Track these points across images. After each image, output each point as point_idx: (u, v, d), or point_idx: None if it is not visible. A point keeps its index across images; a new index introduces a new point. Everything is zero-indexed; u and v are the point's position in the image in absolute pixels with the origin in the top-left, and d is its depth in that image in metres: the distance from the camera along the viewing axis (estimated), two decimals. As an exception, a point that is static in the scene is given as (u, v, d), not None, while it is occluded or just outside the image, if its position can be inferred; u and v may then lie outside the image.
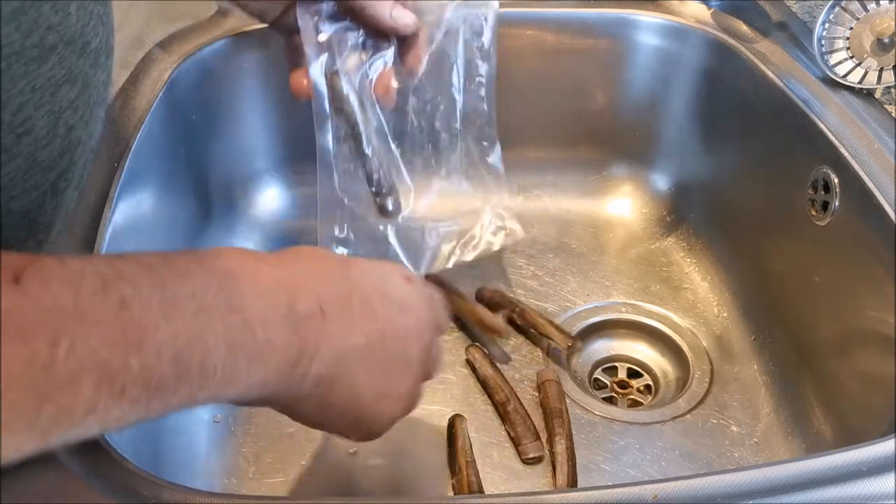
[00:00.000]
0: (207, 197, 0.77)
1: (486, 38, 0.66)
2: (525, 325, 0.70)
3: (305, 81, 0.60)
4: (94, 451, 0.41)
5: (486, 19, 0.65)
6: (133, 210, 0.60)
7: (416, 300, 0.43)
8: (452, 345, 0.70)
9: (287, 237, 0.80)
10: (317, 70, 0.60)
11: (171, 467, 0.57)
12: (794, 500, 0.39)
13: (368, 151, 0.62)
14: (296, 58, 0.61)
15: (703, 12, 0.78)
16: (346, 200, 0.64)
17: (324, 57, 0.60)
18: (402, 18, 0.59)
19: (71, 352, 0.27)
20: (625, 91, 0.81)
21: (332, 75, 0.61)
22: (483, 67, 0.67)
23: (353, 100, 0.61)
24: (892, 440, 0.42)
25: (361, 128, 0.61)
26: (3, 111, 0.34)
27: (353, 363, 0.39)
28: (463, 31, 0.65)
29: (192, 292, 0.32)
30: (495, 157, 0.69)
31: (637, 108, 0.81)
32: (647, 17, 0.78)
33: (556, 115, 0.82)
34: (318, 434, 0.62)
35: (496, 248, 0.70)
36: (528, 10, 0.77)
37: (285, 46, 0.63)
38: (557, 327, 0.69)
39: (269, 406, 0.39)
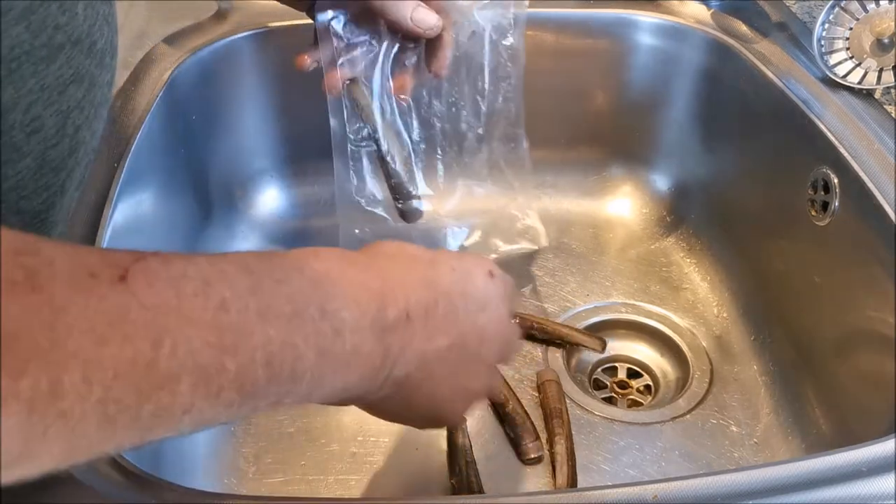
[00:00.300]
0: (207, 197, 0.77)
1: (514, 38, 0.65)
2: (549, 338, 0.70)
3: (309, 63, 0.60)
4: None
5: (513, 20, 0.65)
6: (133, 210, 0.60)
7: (496, 297, 0.43)
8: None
9: (287, 237, 0.80)
10: (335, 76, 0.60)
11: (171, 467, 0.57)
12: (794, 500, 0.39)
13: (388, 157, 0.62)
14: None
15: (703, 13, 0.78)
16: (363, 204, 0.64)
17: (343, 61, 0.60)
18: (424, 21, 0.58)
19: (172, 353, 0.27)
20: (625, 91, 0.81)
21: (348, 83, 0.60)
22: (511, 68, 0.66)
23: (374, 105, 0.61)
24: (892, 440, 0.42)
25: (380, 133, 0.61)
26: (14, 110, 0.34)
27: (433, 365, 0.40)
28: (489, 32, 0.64)
29: (288, 297, 0.32)
30: (522, 159, 0.69)
31: (637, 108, 0.81)
32: (646, 18, 0.78)
33: (555, 115, 0.82)
34: (318, 434, 0.63)
35: (518, 251, 0.69)
36: (528, 11, 0.77)
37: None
38: (584, 333, 0.69)
39: (351, 405, 0.40)
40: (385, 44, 0.61)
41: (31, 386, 0.24)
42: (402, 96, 0.62)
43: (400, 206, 0.64)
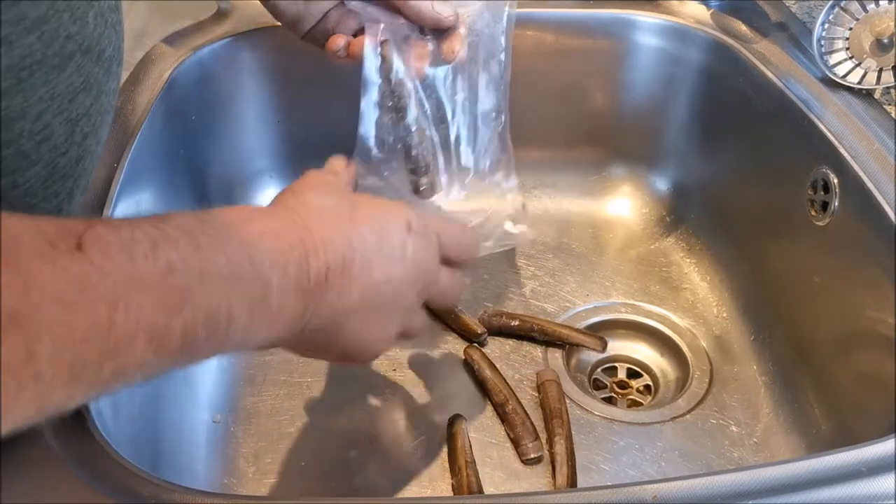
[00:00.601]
0: (207, 197, 0.77)
1: (502, 31, 0.66)
2: (549, 339, 0.70)
3: (344, 42, 0.62)
4: (93, 451, 0.41)
5: (505, 15, 0.66)
6: (133, 210, 0.60)
7: (413, 248, 0.46)
8: (451, 345, 0.70)
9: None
10: (369, 36, 0.62)
11: (171, 467, 0.57)
12: (794, 500, 0.39)
13: (412, 126, 0.63)
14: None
15: (703, 13, 0.78)
16: (383, 172, 0.64)
17: (377, 28, 0.61)
18: (445, 11, 0.62)
19: (127, 315, 0.29)
20: (624, 91, 0.81)
21: (383, 43, 0.62)
22: (501, 63, 0.67)
23: (402, 73, 0.62)
24: (892, 440, 0.42)
25: (406, 101, 0.62)
26: (24, 118, 0.34)
27: (347, 316, 0.43)
28: (487, 27, 0.65)
29: (227, 260, 0.35)
30: (509, 156, 0.69)
31: (637, 108, 0.81)
32: (646, 18, 0.78)
33: (555, 115, 0.82)
34: (318, 434, 0.63)
35: (498, 250, 0.69)
36: (527, 11, 0.77)
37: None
38: (584, 333, 0.69)
39: (272, 347, 0.43)
40: (412, 28, 0.63)
41: (9, 352, 0.26)
42: (419, 66, 0.64)
43: (414, 179, 0.65)
